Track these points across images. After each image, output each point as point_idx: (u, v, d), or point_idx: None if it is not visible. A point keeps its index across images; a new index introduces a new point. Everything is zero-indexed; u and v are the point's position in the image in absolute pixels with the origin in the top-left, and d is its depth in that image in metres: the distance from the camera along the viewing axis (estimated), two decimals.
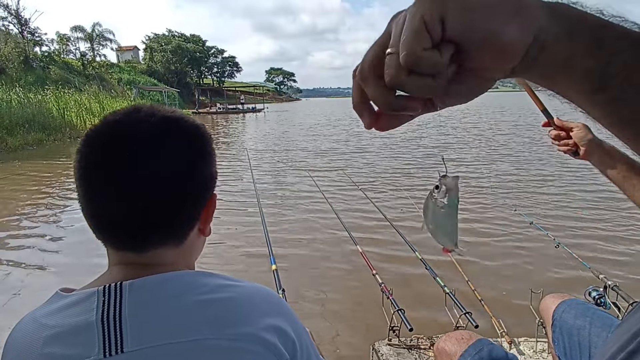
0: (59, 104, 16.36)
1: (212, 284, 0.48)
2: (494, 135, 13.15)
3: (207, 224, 0.55)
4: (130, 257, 0.50)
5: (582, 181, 6.19)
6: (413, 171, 7.67)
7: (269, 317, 0.48)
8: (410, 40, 0.25)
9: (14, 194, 6.70)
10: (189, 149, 0.50)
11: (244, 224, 4.59)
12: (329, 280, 3.23)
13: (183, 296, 0.45)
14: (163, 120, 0.50)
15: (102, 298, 0.44)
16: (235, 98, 50.36)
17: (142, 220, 0.47)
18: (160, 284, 0.46)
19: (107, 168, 0.46)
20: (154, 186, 0.47)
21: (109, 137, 0.48)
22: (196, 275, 0.49)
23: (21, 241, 4.34)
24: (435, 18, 0.25)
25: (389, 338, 1.84)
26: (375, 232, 4.12)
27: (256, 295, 0.50)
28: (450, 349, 1.04)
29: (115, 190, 0.46)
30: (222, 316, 0.45)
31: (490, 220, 4.51)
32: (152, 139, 0.48)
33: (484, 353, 0.98)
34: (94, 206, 0.48)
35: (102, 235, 0.50)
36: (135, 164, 0.46)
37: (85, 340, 0.42)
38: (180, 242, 0.52)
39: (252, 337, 0.45)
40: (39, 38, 31.08)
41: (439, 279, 1.92)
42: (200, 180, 0.51)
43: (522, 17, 0.25)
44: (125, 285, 0.45)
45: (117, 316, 0.43)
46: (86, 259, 3.55)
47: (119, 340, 0.42)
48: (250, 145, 13.05)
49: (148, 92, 34.79)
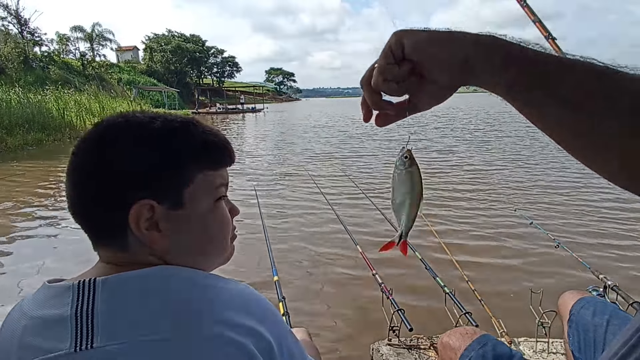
0: (59, 104, 16.34)
1: (189, 282, 0.48)
2: (493, 135, 13.17)
3: (140, 234, 0.51)
4: (108, 252, 0.52)
5: (582, 182, 6.19)
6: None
7: (244, 319, 0.47)
8: (382, 58, 0.43)
9: (13, 194, 6.69)
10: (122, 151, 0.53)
11: (245, 228, 4.59)
12: (329, 281, 3.23)
13: (156, 293, 0.45)
14: (137, 125, 0.54)
15: (77, 293, 0.45)
16: (235, 98, 50.37)
17: (85, 217, 0.53)
18: (132, 281, 0.46)
19: (73, 163, 0.52)
20: (85, 185, 0.52)
21: (85, 137, 0.54)
22: (174, 272, 0.49)
23: (21, 241, 4.35)
24: (397, 45, 0.42)
25: (389, 338, 1.84)
26: (376, 232, 4.12)
27: (235, 297, 0.49)
28: (454, 343, 1.04)
29: (72, 184, 0.52)
30: (194, 316, 0.45)
31: (490, 220, 4.51)
32: (102, 139, 0.52)
33: (488, 348, 0.98)
34: (68, 200, 0.53)
35: (83, 230, 0.53)
36: (84, 161, 0.52)
37: (59, 333, 0.43)
38: (126, 243, 0.51)
39: (224, 338, 0.44)
40: (39, 38, 31.09)
41: (439, 279, 1.92)
42: (118, 179, 0.51)
43: (453, 44, 0.41)
44: (98, 282, 0.45)
45: (90, 311, 0.43)
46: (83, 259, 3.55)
47: (90, 336, 0.42)
48: (250, 142, 13.04)
49: (148, 92, 34.79)
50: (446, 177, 7.00)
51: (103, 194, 0.50)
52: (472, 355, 0.98)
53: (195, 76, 60.58)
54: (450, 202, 5.36)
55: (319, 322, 2.65)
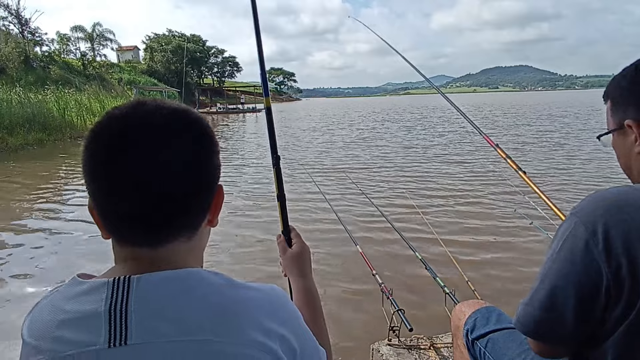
0: (59, 103, 16.34)
1: (219, 284, 0.48)
2: (493, 135, 13.16)
3: (216, 214, 0.55)
4: (143, 252, 0.49)
5: (582, 181, 6.19)
6: (414, 172, 7.67)
7: (275, 325, 0.48)
8: None
9: (13, 194, 6.70)
10: (200, 138, 0.51)
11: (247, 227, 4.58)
12: (329, 280, 3.23)
13: (189, 294, 0.45)
14: (172, 112, 0.50)
15: (112, 289, 0.45)
16: (235, 98, 50.34)
17: (159, 210, 0.47)
18: (167, 281, 0.46)
19: (121, 161, 0.46)
20: (170, 176, 0.47)
21: (121, 130, 0.47)
22: (204, 273, 0.49)
23: (21, 241, 4.35)
24: None
25: (389, 338, 1.84)
26: (376, 232, 4.12)
27: (266, 302, 0.50)
28: (465, 309, 1.18)
29: (132, 183, 0.46)
30: (227, 318, 0.45)
31: (490, 220, 4.52)
32: (165, 129, 0.48)
33: (493, 314, 1.10)
34: (110, 201, 0.47)
35: (117, 230, 0.49)
36: (151, 154, 0.46)
37: (93, 328, 0.43)
38: (194, 233, 0.52)
39: (256, 343, 0.45)
40: (39, 38, 31.04)
41: (439, 279, 1.91)
42: (211, 169, 0.52)
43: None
44: (133, 279, 0.45)
45: (124, 309, 0.43)
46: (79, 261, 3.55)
47: (123, 333, 0.43)
48: (250, 138, 13.04)
49: (148, 92, 34.77)
50: (446, 176, 7.00)
51: (210, 177, 0.52)
52: (477, 316, 1.12)
53: (196, 76, 60.54)
54: (450, 202, 5.37)
55: None
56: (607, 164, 7.25)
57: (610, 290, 0.61)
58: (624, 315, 0.61)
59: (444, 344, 1.84)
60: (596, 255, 0.61)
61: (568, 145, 10.28)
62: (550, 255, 0.69)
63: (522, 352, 0.95)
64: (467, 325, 1.12)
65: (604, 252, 0.60)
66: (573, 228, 0.65)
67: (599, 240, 0.61)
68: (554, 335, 0.69)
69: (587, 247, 0.62)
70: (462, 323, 1.15)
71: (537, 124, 17.82)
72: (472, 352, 1.10)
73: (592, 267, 0.61)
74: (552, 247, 0.69)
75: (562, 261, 0.65)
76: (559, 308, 0.66)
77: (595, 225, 0.62)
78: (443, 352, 1.79)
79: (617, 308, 0.61)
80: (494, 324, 1.07)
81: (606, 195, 0.65)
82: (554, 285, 0.66)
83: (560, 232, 0.68)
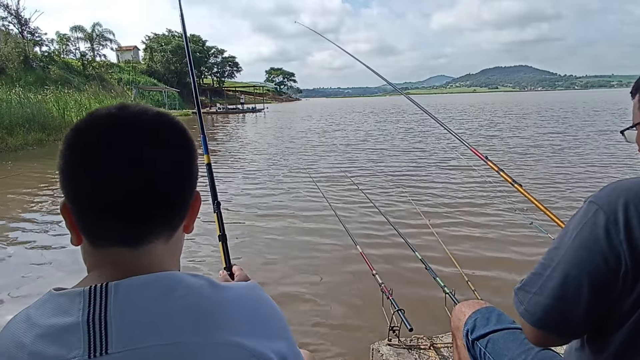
0: (59, 104, 16.33)
1: (199, 285, 0.47)
2: (493, 135, 13.16)
3: (192, 220, 0.56)
4: (121, 254, 0.49)
5: (582, 181, 6.19)
6: (414, 172, 7.67)
7: (255, 324, 0.48)
8: None
9: (13, 195, 6.69)
10: (183, 143, 0.52)
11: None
12: (329, 280, 3.23)
13: (168, 298, 0.45)
14: (157, 114, 0.52)
15: (88, 299, 0.44)
16: (235, 98, 50.39)
17: (140, 206, 0.47)
18: (146, 285, 0.45)
19: (107, 157, 0.46)
20: (153, 175, 0.47)
21: (110, 127, 0.48)
22: (184, 276, 0.48)
23: (19, 242, 4.35)
24: None
25: (389, 338, 1.84)
26: (376, 232, 4.12)
27: (244, 298, 0.50)
28: (465, 309, 1.19)
29: (117, 178, 0.46)
30: (206, 320, 0.44)
31: (490, 220, 4.52)
32: (151, 129, 0.49)
33: (493, 314, 1.11)
34: (92, 196, 0.47)
35: (95, 228, 0.49)
36: (140, 153, 0.47)
37: (71, 340, 0.42)
38: (171, 235, 0.52)
39: (235, 343, 0.44)
40: (39, 38, 31.06)
41: (439, 279, 1.91)
42: (191, 173, 0.53)
43: None
44: (110, 286, 0.44)
45: (103, 317, 0.43)
46: None
47: (103, 342, 0.42)
48: (251, 138, 13.04)
49: (148, 92, 34.78)
50: (446, 176, 7.00)
51: (190, 180, 0.53)
52: (477, 317, 1.12)
53: (196, 76, 60.58)
54: (450, 202, 5.36)
55: (318, 322, 2.65)
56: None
57: (628, 278, 0.61)
58: (637, 304, 0.61)
59: (444, 344, 1.83)
60: (617, 242, 0.61)
61: (569, 147, 10.29)
62: (561, 242, 0.68)
63: (523, 353, 0.95)
64: (467, 325, 1.13)
65: (625, 239, 0.60)
66: (593, 215, 0.64)
67: (620, 228, 0.61)
68: (562, 325, 0.68)
69: (608, 234, 0.62)
70: (462, 323, 1.15)
71: (537, 124, 17.81)
72: (472, 352, 1.10)
73: (613, 253, 0.61)
74: (565, 235, 0.68)
75: (578, 249, 0.65)
76: (571, 297, 0.65)
77: (616, 212, 0.62)
78: (443, 352, 1.78)
79: (632, 296, 0.61)
80: (494, 324, 1.07)
81: (627, 184, 0.65)
82: (566, 274, 0.65)
83: (576, 220, 0.67)
